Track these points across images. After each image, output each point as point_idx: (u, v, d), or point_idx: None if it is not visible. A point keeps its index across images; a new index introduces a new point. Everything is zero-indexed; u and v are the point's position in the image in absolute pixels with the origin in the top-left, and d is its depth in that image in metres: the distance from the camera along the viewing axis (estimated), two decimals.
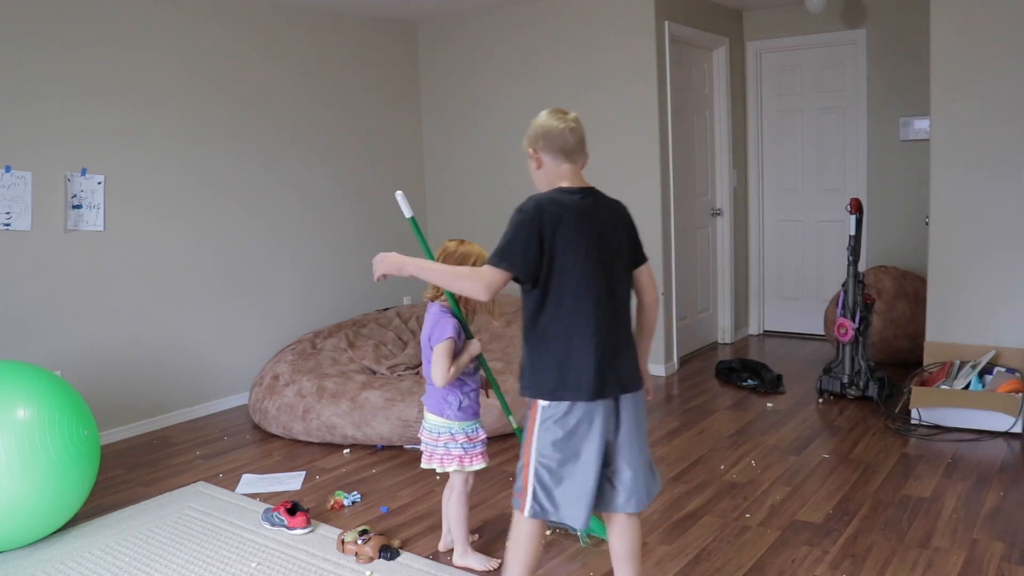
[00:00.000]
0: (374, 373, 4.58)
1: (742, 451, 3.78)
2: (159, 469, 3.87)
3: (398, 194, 2.64)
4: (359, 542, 2.82)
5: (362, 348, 4.79)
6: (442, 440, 2.66)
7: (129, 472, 3.83)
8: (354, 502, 3.36)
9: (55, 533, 3.10)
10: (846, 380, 4.46)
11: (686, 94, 5.47)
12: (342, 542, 2.87)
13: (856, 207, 4.41)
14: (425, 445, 2.72)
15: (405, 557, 2.82)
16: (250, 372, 4.89)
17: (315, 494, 3.46)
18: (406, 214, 2.61)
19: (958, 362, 4.02)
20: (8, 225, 3.88)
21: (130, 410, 4.39)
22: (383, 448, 4.03)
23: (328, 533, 3.04)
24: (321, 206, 5.38)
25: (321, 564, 2.80)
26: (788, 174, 6.08)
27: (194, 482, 3.65)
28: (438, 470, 2.71)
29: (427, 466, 2.73)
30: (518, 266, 2.06)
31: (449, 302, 2.62)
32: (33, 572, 2.82)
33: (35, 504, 2.86)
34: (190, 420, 4.64)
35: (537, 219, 2.06)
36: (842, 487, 3.30)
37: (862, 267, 5.06)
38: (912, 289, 5.03)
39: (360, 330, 5.06)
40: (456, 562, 2.76)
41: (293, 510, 3.07)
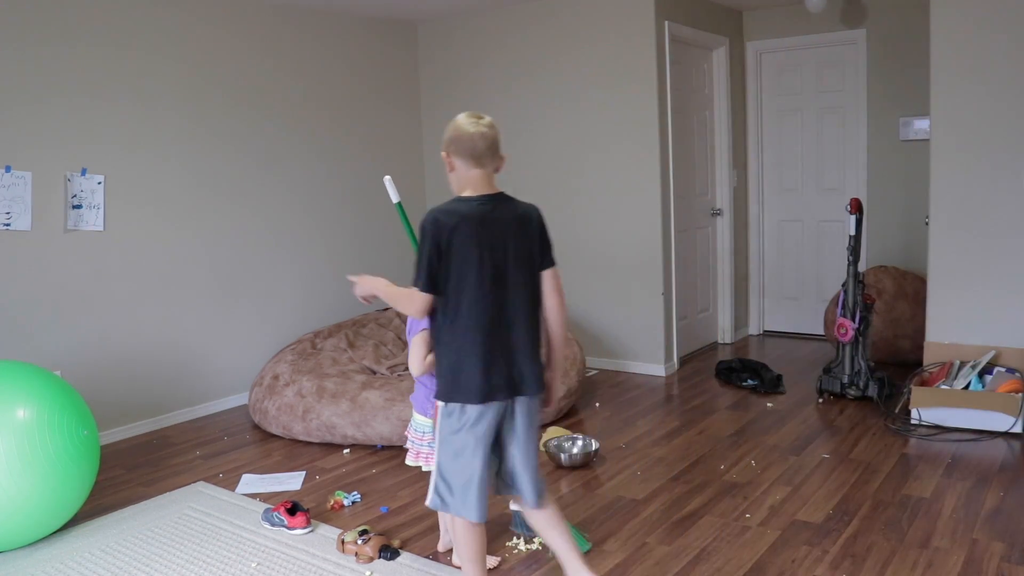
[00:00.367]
0: (374, 373, 4.58)
1: (742, 451, 3.78)
2: (159, 469, 3.87)
3: (386, 179, 2.74)
4: (359, 542, 2.82)
5: (362, 348, 4.79)
6: (427, 439, 2.71)
7: (129, 472, 3.83)
8: (354, 502, 3.36)
9: (55, 533, 3.10)
10: (846, 380, 4.46)
11: (686, 94, 5.46)
12: (342, 542, 2.88)
13: (856, 207, 4.41)
14: (411, 443, 2.78)
15: (405, 557, 2.82)
16: (250, 372, 4.89)
17: (315, 494, 3.46)
18: (393, 199, 2.71)
19: (958, 362, 4.02)
20: (8, 225, 3.88)
21: (130, 410, 4.39)
22: (383, 448, 4.03)
23: (328, 533, 3.04)
24: (321, 206, 5.38)
25: (321, 564, 2.80)
26: (788, 174, 6.08)
27: (194, 482, 3.65)
28: (424, 468, 2.75)
29: (412, 463, 2.79)
30: (428, 283, 2.17)
31: None
32: (33, 572, 2.83)
33: (35, 504, 2.86)
34: (190, 420, 4.64)
35: (434, 232, 2.16)
36: (842, 487, 3.30)
37: (862, 267, 5.06)
38: (912, 289, 5.03)
39: (360, 330, 5.06)
40: (456, 562, 2.76)
41: (293, 510, 3.08)
